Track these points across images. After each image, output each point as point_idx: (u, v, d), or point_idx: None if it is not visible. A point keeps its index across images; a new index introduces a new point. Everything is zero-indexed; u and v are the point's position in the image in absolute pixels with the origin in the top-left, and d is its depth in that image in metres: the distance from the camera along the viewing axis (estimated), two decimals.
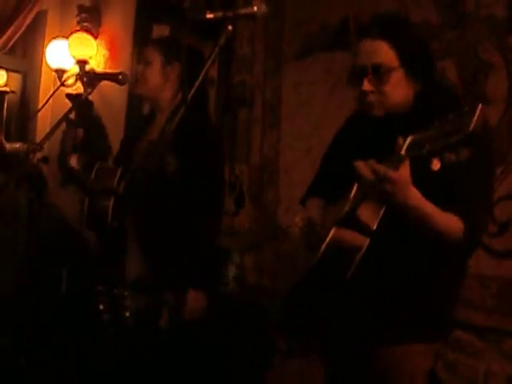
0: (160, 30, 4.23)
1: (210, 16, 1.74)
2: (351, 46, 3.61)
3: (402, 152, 1.49)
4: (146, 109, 3.63)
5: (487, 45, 3.09)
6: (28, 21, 4.70)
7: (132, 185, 2.31)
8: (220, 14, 1.74)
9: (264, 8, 1.77)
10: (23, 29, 4.69)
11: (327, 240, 1.73)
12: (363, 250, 1.66)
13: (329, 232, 1.76)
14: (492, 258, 2.93)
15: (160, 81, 2.59)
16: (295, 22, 3.87)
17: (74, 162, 2.57)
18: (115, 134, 4.14)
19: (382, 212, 1.67)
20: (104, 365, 2.57)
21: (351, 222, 1.70)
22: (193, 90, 1.67)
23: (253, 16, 1.77)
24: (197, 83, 1.67)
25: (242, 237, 3.71)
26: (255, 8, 1.76)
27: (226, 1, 3.97)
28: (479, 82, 3.09)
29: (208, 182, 2.54)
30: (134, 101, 4.17)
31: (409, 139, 1.48)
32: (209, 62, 1.69)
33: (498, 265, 2.92)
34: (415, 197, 1.59)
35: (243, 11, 1.77)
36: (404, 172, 1.52)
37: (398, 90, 1.78)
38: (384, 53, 1.76)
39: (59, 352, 3.32)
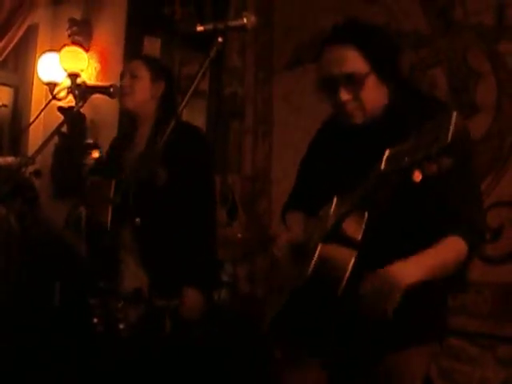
0: (151, 43, 4.25)
1: (200, 28, 1.75)
2: None
3: (382, 166, 1.44)
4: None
5: (476, 52, 3.11)
6: (19, 34, 4.71)
7: (127, 196, 2.32)
8: (210, 26, 1.75)
9: (254, 20, 1.77)
10: (14, 42, 4.70)
11: (315, 258, 1.69)
12: (351, 264, 1.63)
13: (314, 248, 1.72)
14: (485, 265, 2.94)
15: (147, 96, 2.61)
16: (285, 32, 3.89)
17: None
18: (107, 146, 4.14)
19: (365, 221, 1.64)
20: (100, 375, 2.56)
21: (337, 236, 1.67)
22: (184, 103, 1.68)
23: (243, 28, 1.78)
24: (188, 95, 1.68)
25: (235, 247, 3.71)
26: (245, 20, 1.77)
27: (217, 12, 4.00)
28: (469, 90, 3.11)
29: (200, 190, 2.55)
30: (126, 113, 4.17)
31: (387, 153, 1.43)
32: (199, 74, 1.70)
33: (491, 271, 2.93)
34: (416, 272, 1.56)
35: (233, 23, 1.78)
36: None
37: (374, 94, 1.75)
38: (354, 59, 1.72)
39: (55, 363, 3.31)
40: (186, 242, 2.47)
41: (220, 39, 1.74)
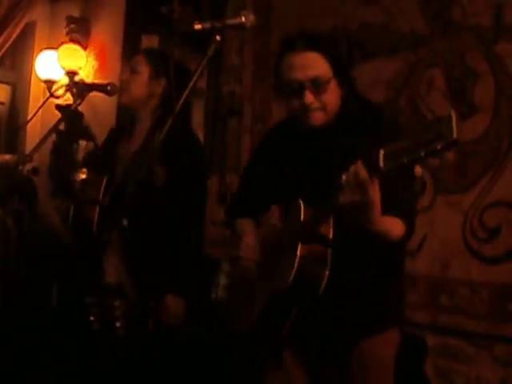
0: (149, 41, 4.24)
1: (198, 27, 1.74)
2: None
3: (381, 164, 1.48)
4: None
5: (474, 53, 3.11)
6: (17, 32, 4.70)
7: (118, 194, 2.31)
8: (208, 24, 1.74)
9: (252, 18, 1.77)
10: (12, 40, 4.69)
11: (297, 259, 1.74)
12: (329, 262, 1.74)
13: (291, 249, 1.78)
14: (482, 264, 2.95)
15: (145, 92, 2.58)
16: (283, 31, 3.88)
17: (80, 176, 2.56)
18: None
19: (331, 221, 1.75)
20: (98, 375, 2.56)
21: (313, 236, 1.75)
22: (181, 101, 1.68)
23: (241, 26, 1.77)
24: (185, 93, 1.67)
25: (233, 246, 3.71)
26: (243, 18, 1.76)
27: (215, 11, 4.00)
28: (467, 91, 3.11)
29: (194, 192, 2.54)
30: (124, 111, 4.17)
31: (382, 152, 1.48)
32: (197, 73, 1.70)
33: (487, 271, 2.94)
34: (378, 217, 1.63)
35: (231, 22, 1.77)
36: (376, 191, 1.56)
37: (334, 97, 1.86)
38: (320, 64, 1.83)
39: (53, 363, 3.31)
40: (171, 244, 2.46)
41: (218, 38, 1.73)
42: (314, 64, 1.83)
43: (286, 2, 3.91)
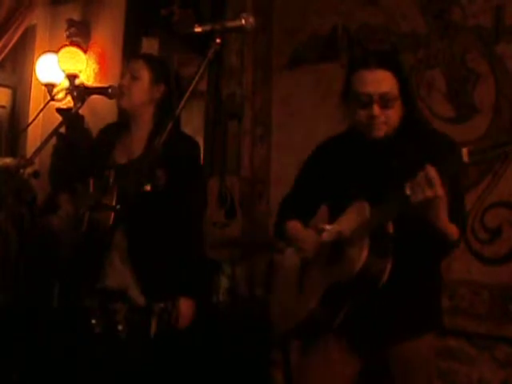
0: (149, 44, 4.25)
1: (198, 29, 1.75)
2: (340, 57, 3.64)
3: (465, 159, 1.68)
4: None
5: (475, 54, 3.12)
6: (17, 35, 4.70)
7: (123, 199, 2.31)
8: (208, 27, 1.74)
9: (252, 21, 1.77)
10: (13, 43, 4.69)
11: (364, 253, 1.89)
12: (391, 258, 1.91)
13: (356, 248, 1.93)
14: (483, 265, 2.95)
15: (146, 98, 2.58)
16: (284, 33, 3.90)
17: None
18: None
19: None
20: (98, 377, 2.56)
21: (378, 233, 1.92)
22: (182, 105, 1.68)
23: (241, 29, 1.77)
24: (186, 96, 1.68)
25: (233, 248, 3.71)
26: (243, 21, 1.76)
27: (215, 14, 4.00)
28: (467, 91, 3.11)
29: (194, 194, 2.55)
30: (125, 114, 4.17)
31: (465, 150, 1.69)
32: (197, 75, 1.70)
33: (489, 272, 2.94)
34: (444, 215, 1.84)
35: (231, 24, 1.77)
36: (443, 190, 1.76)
37: (396, 114, 2.02)
38: (391, 82, 1.99)
39: (51, 366, 3.31)
40: (175, 246, 2.46)
41: (218, 40, 1.73)
42: (384, 81, 1.98)
43: (286, 4, 3.91)
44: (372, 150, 2.06)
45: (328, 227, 2.09)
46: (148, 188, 2.14)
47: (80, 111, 2.72)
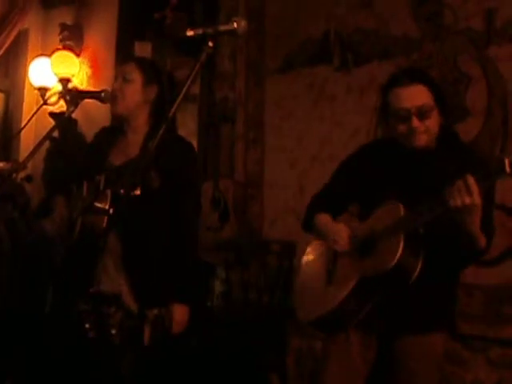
0: (142, 47, 4.25)
1: (190, 33, 1.75)
2: (333, 60, 3.65)
3: (507, 169, 1.78)
4: None
5: (466, 57, 3.13)
6: (10, 39, 4.69)
7: (116, 203, 2.30)
8: (200, 31, 1.75)
9: (244, 24, 1.77)
10: (5, 47, 4.68)
11: (399, 252, 1.99)
12: (422, 256, 2.01)
13: (392, 244, 2.02)
14: (477, 267, 2.95)
15: (139, 100, 2.57)
16: (276, 37, 3.91)
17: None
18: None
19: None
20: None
21: (415, 237, 2.03)
22: (174, 108, 1.68)
23: (233, 33, 1.78)
24: (178, 100, 1.68)
25: (227, 252, 3.71)
26: (235, 24, 1.76)
27: (208, 18, 4.01)
28: (459, 94, 3.13)
29: (189, 196, 2.54)
30: (117, 119, 4.17)
31: (507, 160, 1.78)
32: (190, 79, 1.70)
33: (482, 273, 2.94)
34: (479, 221, 1.95)
35: (223, 28, 1.77)
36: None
37: (435, 123, 2.13)
38: (425, 95, 2.11)
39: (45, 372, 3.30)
40: (171, 252, 2.45)
41: (210, 44, 1.73)
42: (419, 94, 2.11)
43: (278, 8, 3.92)
44: (412, 158, 2.17)
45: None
46: (138, 192, 2.13)
47: (73, 115, 2.72)
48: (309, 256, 2.42)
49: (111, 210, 2.31)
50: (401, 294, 2.09)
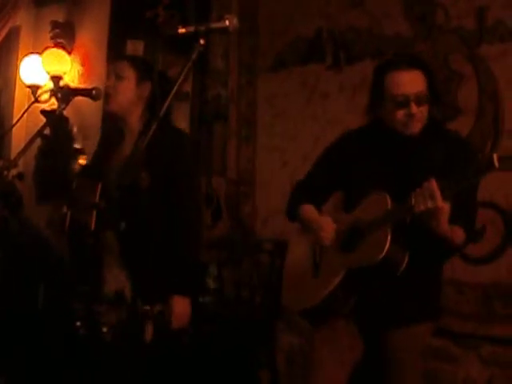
0: (134, 45, 4.24)
1: (182, 30, 1.75)
2: (325, 58, 3.66)
3: (496, 164, 1.79)
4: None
5: (458, 56, 3.14)
6: (1, 37, 4.68)
7: (111, 200, 2.30)
8: (192, 28, 1.75)
9: (236, 22, 1.78)
10: None
11: (387, 242, 1.99)
12: (407, 249, 2.02)
13: (380, 236, 2.02)
14: (467, 265, 2.96)
15: (133, 97, 2.57)
16: (269, 35, 3.90)
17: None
18: (90, 149, 4.13)
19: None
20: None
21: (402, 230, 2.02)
22: (165, 106, 1.68)
23: (225, 30, 1.78)
24: (169, 98, 1.68)
25: (220, 249, 3.71)
26: (227, 22, 1.77)
27: (200, 16, 4.00)
28: (451, 92, 3.14)
29: (184, 193, 2.53)
30: (111, 118, 4.16)
31: (495, 156, 1.80)
32: (181, 76, 1.70)
33: (473, 271, 2.96)
34: (445, 224, 1.95)
35: (215, 25, 1.78)
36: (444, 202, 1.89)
37: (426, 111, 2.12)
38: (422, 81, 2.10)
39: (37, 370, 3.29)
40: (170, 247, 2.45)
41: (202, 41, 1.74)
42: (417, 80, 2.09)
43: (271, 6, 3.92)
44: (398, 145, 2.16)
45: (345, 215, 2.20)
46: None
47: (64, 113, 2.71)
48: (295, 246, 2.42)
49: (102, 204, 2.32)
50: (387, 285, 2.11)
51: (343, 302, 2.17)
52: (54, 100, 4.49)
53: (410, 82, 2.09)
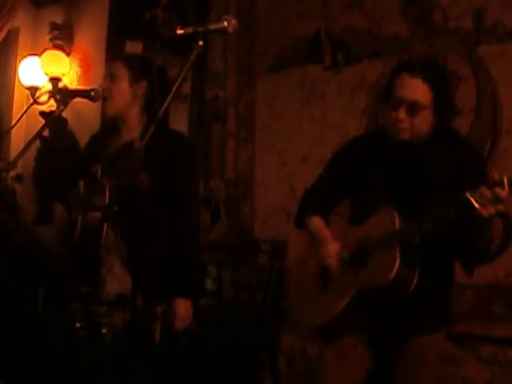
0: (132, 47, 4.24)
1: (180, 32, 1.75)
2: (324, 59, 3.66)
3: (506, 189, 1.78)
4: None
5: (456, 56, 3.15)
6: (0, 38, 4.67)
7: (113, 201, 2.30)
8: (190, 29, 1.75)
9: (234, 23, 1.78)
10: None
11: (396, 265, 1.96)
12: (418, 267, 1.99)
13: (387, 255, 2.00)
14: None
15: (128, 97, 2.56)
16: (267, 36, 3.91)
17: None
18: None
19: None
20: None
21: (411, 248, 1.99)
22: (164, 106, 1.68)
23: (223, 31, 1.79)
24: (169, 99, 1.67)
25: (218, 251, 3.71)
26: (225, 23, 1.77)
27: (199, 17, 4.01)
28: None
29: (184, 194, 2.53)
30: (111, 121, 4.16)
31: (505, 179, 1.78)
32: (180, 78, 1.70)
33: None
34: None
35: (213, 27, 1.78)
36: None
37: (424, 123, 2.07)
38: (423, 92, 2.04)
39: (37, 371, 3.29)
40: (170, 248, 2.45)
41: (200, 42, 1.74)
42: (417, 90, 2.04)
43: (269, 7, 3.93)
44: (403, 153, 2.13)
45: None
46: (116, 209, 2.14)
47: (63, 114, 2.71)
48: (303, 265, 2.38)
49: (113, 208, 2.31)
50: (398, 302, 2.08)
51: (354, 318, 2.15)
52: (52, 101, 4.48)
53: (411, 88, 2.06)
